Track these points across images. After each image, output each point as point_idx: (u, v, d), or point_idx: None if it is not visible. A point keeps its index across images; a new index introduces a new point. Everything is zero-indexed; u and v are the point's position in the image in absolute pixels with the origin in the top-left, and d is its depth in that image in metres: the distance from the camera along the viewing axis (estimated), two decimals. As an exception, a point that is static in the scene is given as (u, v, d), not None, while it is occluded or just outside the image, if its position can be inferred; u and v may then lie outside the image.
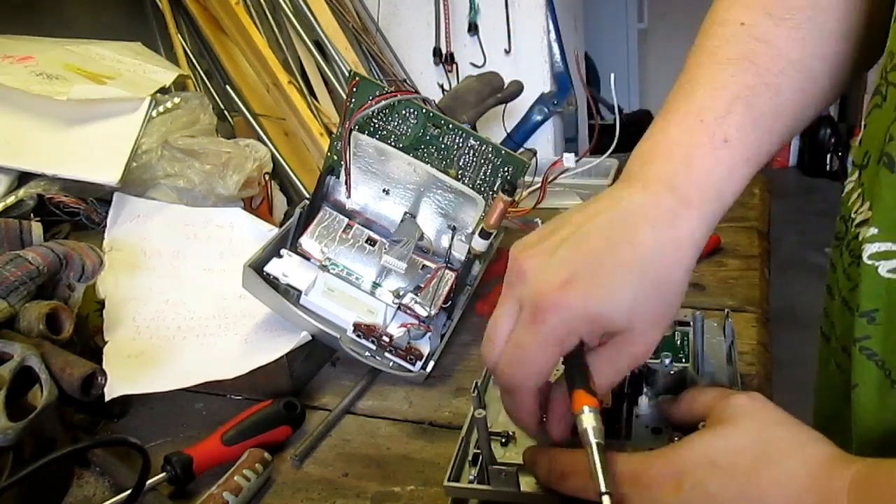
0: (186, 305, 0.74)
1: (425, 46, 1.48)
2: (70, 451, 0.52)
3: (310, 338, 0.66)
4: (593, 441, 0.36)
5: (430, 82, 1.49)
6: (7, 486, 0.45)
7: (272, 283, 0.68)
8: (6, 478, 0.47)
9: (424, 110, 0.68)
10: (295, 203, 1.07)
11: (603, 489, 0.34)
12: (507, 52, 1.46)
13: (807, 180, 3.99)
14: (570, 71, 1.47)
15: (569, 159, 0.68)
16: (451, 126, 0.68)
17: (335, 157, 0.72)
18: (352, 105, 0.69)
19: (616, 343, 0.38)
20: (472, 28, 1.45)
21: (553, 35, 1.44)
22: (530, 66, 1.46)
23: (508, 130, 1.43)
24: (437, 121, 0.68)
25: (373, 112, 0.68)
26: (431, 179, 0.69)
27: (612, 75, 1.06)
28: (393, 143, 0.70)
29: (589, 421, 0.36)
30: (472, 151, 0.68)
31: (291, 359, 0.64)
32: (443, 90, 1.46)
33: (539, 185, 0.71)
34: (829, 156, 3.91)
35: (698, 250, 0.39)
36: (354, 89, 0.69)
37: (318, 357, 0.70)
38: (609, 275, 0.37)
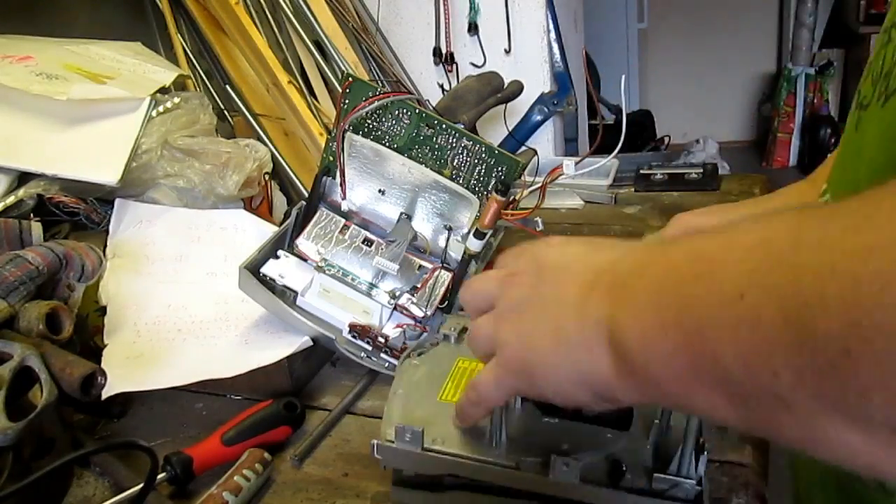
0: (188, 310, 0.74)
1: (425, 46, 1.48)
2: (79, 455, 0.52)
3: (311, 343, 0.66)
4: None
5: (430, 82, 1.49)
6: (12, 492, 0.45)
7: (269, 284, 0.68)
8: (6, 478, 0.48)
9: (417, 111, 0.68)
10: (294, 203, 1.07)
11: None
12: (507, 52, 1.46)
13: (807, 180, 3.99)
14: (573, 70, 1.46)
15: (569, 166, 0.68)
16: (444, 126, 0.68)
17: (331, 158, 0.72)
18: (345, 106, 0.69)
19: None
20: (472, 28, 1.44)
21: (553, 35, 1.44)
22: (530, 66, 1.45)
23: (510, 130, 1.42)
24: (430, 121, 0.69)
25: (367, 113, 0.68)
26: (426, 180, 0.69)
27: (624, 77, 1.05)
28: (387, 144, 0.70)
29: None
30: (465, 151, 0.68)
31: (291, 359, 0.64)
32: (443, 90, 1.46)
33: (540, 184, 0.71)
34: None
35: None
36: (348, 90, 0.69)
37: (318, 357, 0.70)
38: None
